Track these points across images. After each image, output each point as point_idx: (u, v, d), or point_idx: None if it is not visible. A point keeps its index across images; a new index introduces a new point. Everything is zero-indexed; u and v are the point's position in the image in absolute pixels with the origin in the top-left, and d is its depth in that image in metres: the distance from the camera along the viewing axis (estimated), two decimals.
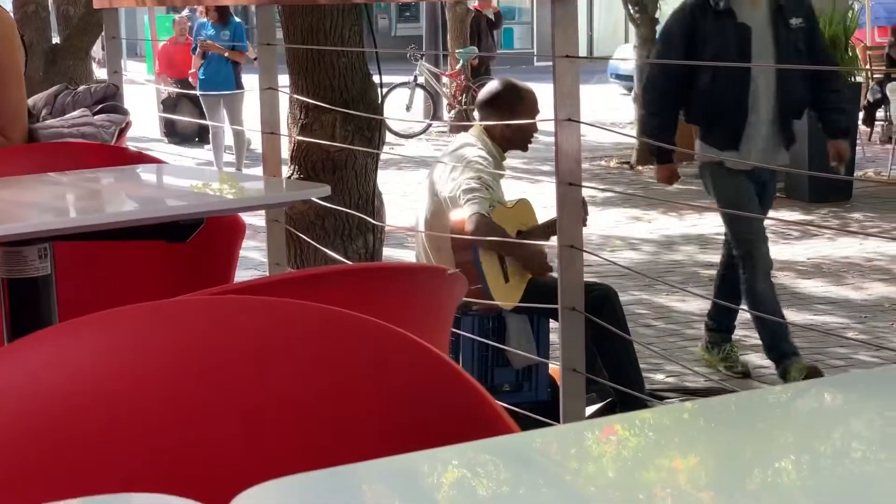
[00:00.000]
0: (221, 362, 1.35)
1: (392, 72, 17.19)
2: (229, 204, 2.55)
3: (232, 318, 1.36)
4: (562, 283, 2.95)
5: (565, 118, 2.88)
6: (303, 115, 5.00)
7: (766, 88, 5.55)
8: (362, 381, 1.37)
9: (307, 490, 1.05)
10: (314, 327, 1.35)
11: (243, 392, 1.34)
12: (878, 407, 1.43)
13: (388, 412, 1.35)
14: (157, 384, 1.31)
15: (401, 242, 8.81)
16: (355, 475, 1.13)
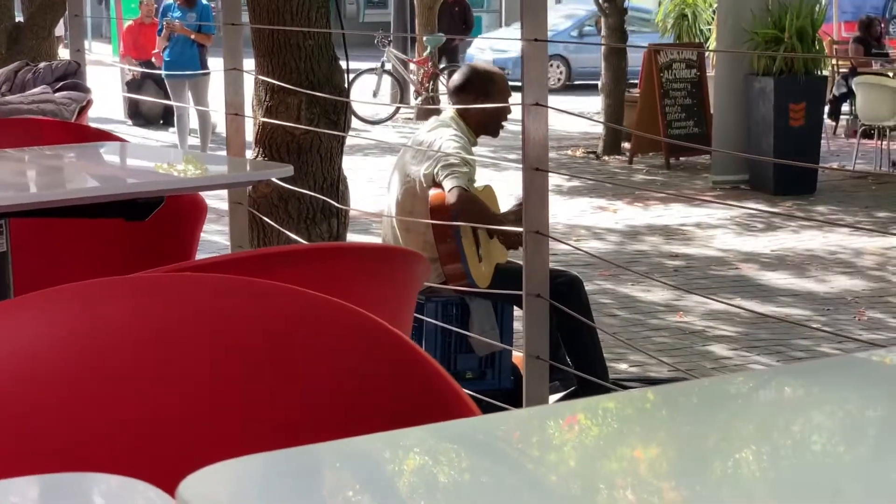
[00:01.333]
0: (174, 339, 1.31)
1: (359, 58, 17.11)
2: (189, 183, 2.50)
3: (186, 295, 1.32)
4: (527, 269, 2.93)
5: (533, 102, 2.85)
6: (268, 97, 4.94)
7: None
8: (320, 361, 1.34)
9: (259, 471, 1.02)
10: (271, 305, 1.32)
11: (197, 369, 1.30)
12: (838, 397, 1.42)
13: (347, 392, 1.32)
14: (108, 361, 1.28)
15: (366, 228, 8.77)
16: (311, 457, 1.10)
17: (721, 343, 6.23)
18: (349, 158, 10.94)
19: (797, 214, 9.42)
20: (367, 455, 1.14)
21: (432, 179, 4.80)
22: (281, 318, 1.33)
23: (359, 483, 1.10)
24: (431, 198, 4.80)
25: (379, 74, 16.26)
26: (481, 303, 4.90)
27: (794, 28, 10.19)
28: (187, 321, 1.31)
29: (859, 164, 11.80)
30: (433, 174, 4.78)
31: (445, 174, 4.73)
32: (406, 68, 16.29)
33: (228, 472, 1.01)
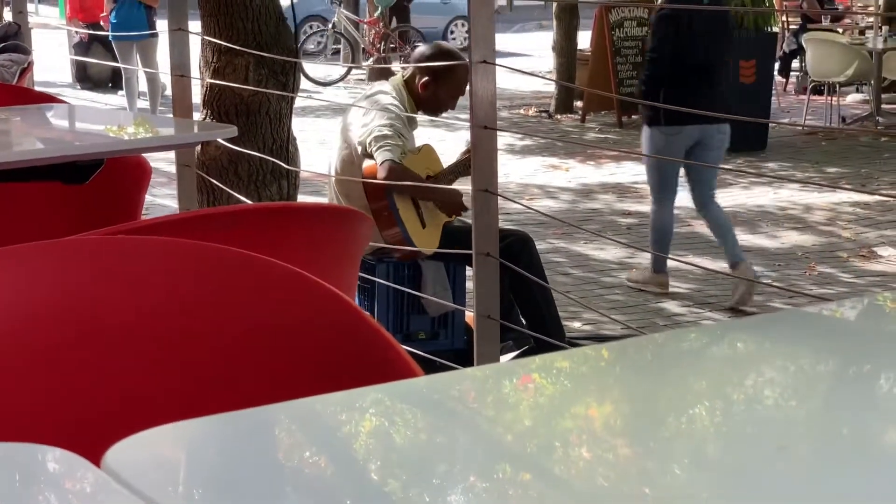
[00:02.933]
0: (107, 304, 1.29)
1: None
2: (130, 145, 2.46)
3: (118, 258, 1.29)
4: (476, 228, 2.91)
5: (480, 60, 2.82)
6: (215, 58, 4.87)
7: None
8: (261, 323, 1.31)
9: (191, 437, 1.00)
10: (209, 267, 1.29)
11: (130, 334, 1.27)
12: (789, 351, 1.43)
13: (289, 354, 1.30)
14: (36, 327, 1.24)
15: (318, 190, 8.71)
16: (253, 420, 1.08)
17: (674, 300, 6.25)
18: (301, 120, 10.87)
19: (747, 171, 9.46)
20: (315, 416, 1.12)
21: (364, 149, 4.76)
22: (219, 280, 1.31)
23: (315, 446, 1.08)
24: (364, 169, 4.78)
25: (329, 35, 16.15)
26: (433, 263, 4.89)
27: None
28: (120, 285, 1.28)
29: (809, 119, 11.85)
30: (366, 143, 4.74)
31: (377, 146, 4.69)
32: (357, 29, 16.18)
33: (158, 439, 0.98)
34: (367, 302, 4.97)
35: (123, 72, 11.92)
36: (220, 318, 1.31)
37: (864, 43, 12.05)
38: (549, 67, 14.10)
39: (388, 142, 4.67)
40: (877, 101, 11.83)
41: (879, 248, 7.23)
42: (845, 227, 7.76)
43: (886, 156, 10.07)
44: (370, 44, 16.01)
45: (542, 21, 23.29)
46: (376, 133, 4.69)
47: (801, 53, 13.16)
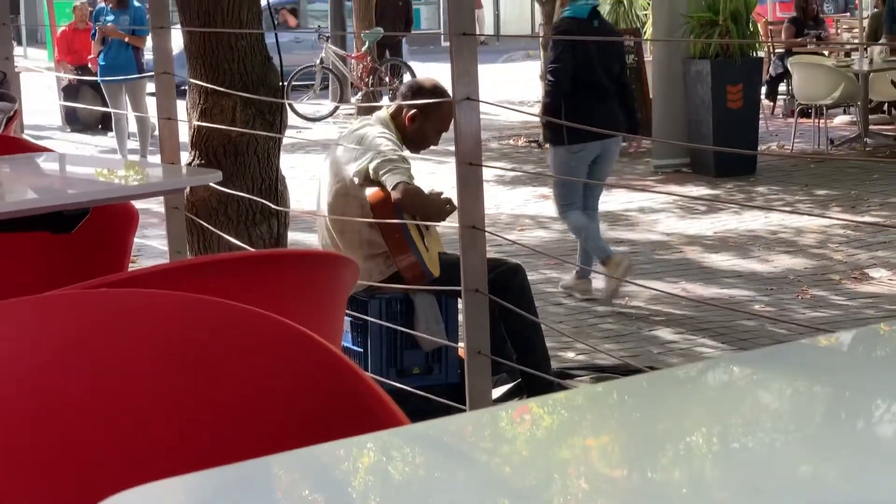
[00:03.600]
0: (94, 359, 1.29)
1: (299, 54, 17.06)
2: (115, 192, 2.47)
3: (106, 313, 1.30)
4: (464, 264, 2.91)
5: (464, 97, 2.84)
6: (201, 99, 4.89)
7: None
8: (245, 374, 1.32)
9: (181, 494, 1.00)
10: (192, 319, 1.30)
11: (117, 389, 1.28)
12: (785, 381, 1.43)
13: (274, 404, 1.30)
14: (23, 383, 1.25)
15: (309, 226, 8.72)
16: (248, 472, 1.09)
17: (667, 327, 6.26)
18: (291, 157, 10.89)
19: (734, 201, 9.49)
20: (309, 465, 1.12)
21: (365, 177, 4.77)
22: (203, 332, 1.31)
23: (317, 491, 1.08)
24: (370, 196, 4.78)
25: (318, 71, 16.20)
26: (425, 297, 4.89)
27: (728, 11, 10.25)
28: (103, 339, 1.29)
29: (798, 143, 11.89)
30: (366, 172, 4.75)
31: (385, 170, 4.71)
32: (345, 64, 16.23)
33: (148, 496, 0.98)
34: (360, 339, 4.97)
35: (113, 113, 11.95)
36: (204, 371, 1.31)
37: (849, 65, 12.11)
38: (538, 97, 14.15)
39: (396, 165, 4.70)
40: (864, 123, 11.87)
41: (871, 270, 7.24)
42: (836, 250, 7.78)
43: (875, 177, 10.10)
44: (358, 78, 16.06)
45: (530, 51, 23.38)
46: (381, 159, 4.71)
47: (787, 77, 13.21)
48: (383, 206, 4.75)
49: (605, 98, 6.61)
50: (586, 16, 6.67)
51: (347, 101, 16.28)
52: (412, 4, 18.56)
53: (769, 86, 14.16)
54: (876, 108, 12.85)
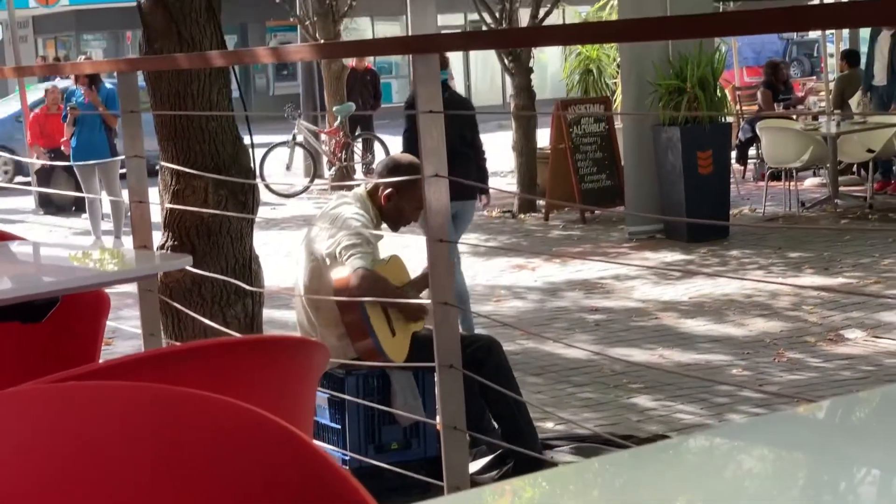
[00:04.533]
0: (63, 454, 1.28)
1: (273, 131, 17.14)
2: (84, 281, 2.47)
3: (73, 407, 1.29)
4: (437, 340, 2.92)
5: (432, 174, 2.86)
6: (173, 181, 4.90)
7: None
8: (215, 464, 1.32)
9: None
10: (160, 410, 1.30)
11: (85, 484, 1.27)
12: (767, 451, 1.44)
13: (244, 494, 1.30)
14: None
15: (286, 303, 8.71)
16: None
17: (645, 395, 6.26)
18: (266, 234, 10.91)
19: (704, 272, 9.54)
20: None
21: (335, 258, 4.79)
22: (170, 422, 1.31)
23: None
24: (335, 280, 4.80)
25: (291, 147, 16.26)
26: (402, 373, 4.88)
27: (696, 78, 10.36)
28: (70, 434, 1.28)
29: (769, 205, 11.97)
30: (335, 254, 4.77)
31: (347, 255, 4.72)
32: (318, 139, 16.30)
33: None
34: (338, 415, 4.95)
35: (86, 196, 11.95)
36: (174, 462, 1.31)
37: (817, 128, 12.24)
38: (511, 167, 14.24)
39: (357, 250, 4.70)
40: (834, 185, 11.98)
41: (846, 331, 7.28)
42: (811, 311, 7.82)
43: (847, 238, 10.18)
44: (332, 153, 16.12)
45: (502, 121, 23.55)
46: (345, 242, 4.72)
47: (757, 141, 13.34)
48: (345, 292, 4.75)
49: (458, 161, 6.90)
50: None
51: (321, 176, 16.34)
52: (380, 79, 18.70)
53: (739, 150, 14.30)
54: (845, 169, 12.97)
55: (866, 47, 13.91)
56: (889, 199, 12.17)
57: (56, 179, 13.88)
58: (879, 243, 9.82)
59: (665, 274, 9.15)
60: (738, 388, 6.19)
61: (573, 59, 16.44)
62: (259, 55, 4.62)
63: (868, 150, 11.90)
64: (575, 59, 16.37)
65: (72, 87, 12.36)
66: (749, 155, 14.45)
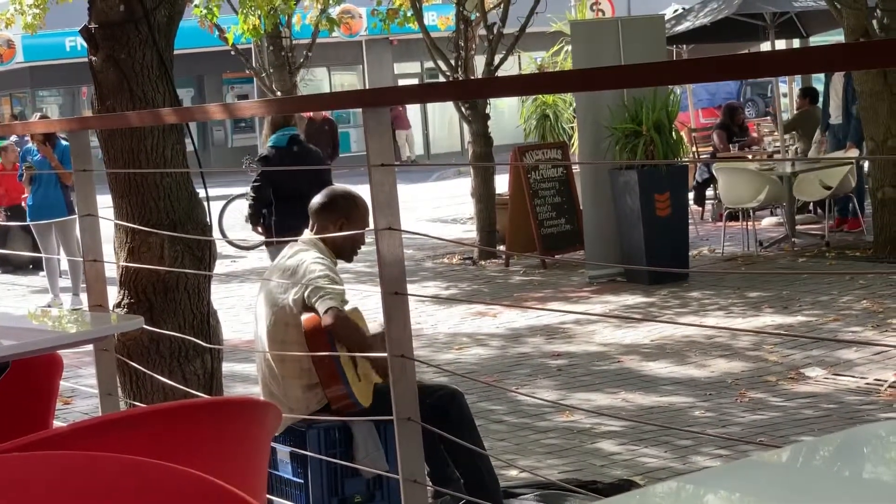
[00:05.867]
0: None
1: (231, 183, 17.11)
2: (37, 345, 2.44)
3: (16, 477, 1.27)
4: (395, 393, 2.90)
5: (385, 227, 2.86)
6: (129, 238, 4.87)
7: None
8: None
9: None
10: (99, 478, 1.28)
11: None
12: (734, 498, 1.44)
13: None
14: None
15: (246, 357, 8.66)
16: None
17: (609, 439, 6.25)
18: (225, 287, 10.86)
19: (661, 320, 9.57)
20: None
21: (302, 304, 4.77)
22: (117, 490, 1.29)
23: None
24: (304, 322, 4.77)
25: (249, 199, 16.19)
26: (363, 424, 4.85)
27: (651, 121, 10.44)
28: None
29: (728, 245, 12.05)
30: (303, 299, 4.76)
31: (318, 297, 4.71)
32: None
33: None
34: (300, 469, 4.91)
35: (43, 253, 11.87)
36: None
37: (773, 168, 12.35)
38: (470, 213, 14.27)
39: (326, 291, 4.70)
40: (791, 224, 12.08)
41: (807, 369, 7.31)
42: (772, 351, 7.85)
43: (805, 276, 10.25)
44: None
45: (461, 168, 23.62)
46: (313, 286, 4.71)
47: (713, 181, 13.44)
48: (316, 333, 4.74)
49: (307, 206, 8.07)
50: (285, 144, 8.73)
51: None
52: (338, 129, 18.73)
53: (696, 191, 14.40)
54: (802, 207, 13.09)
55: (822, 86, 14.08)
56: (846, 237, 12.28)
57: (13, 238, 13.78)
58: (837, 281, 9.89)
59: (627, 317, 9.17)
60: (700, 428, 6.20)
61: (530, 105, 16.55)
62: (211, 112, 4.61)
63: (825, 187, 12.01)
64: (531, 105, 16.48)
65: (28, 144, 12.30)
66: (706, 195, 14.55)
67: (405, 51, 31.84)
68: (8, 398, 2.55)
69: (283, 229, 8.32)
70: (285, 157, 8.66)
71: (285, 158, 8.63)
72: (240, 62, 17.17)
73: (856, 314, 8.76)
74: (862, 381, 7.02)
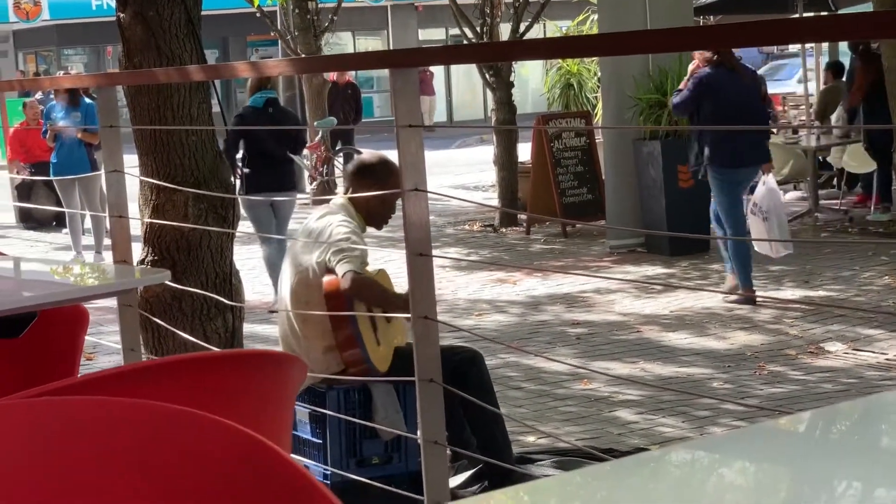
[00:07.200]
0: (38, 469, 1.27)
1: None
2: (62, 295, 2.46)
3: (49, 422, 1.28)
4: (417, 355, 2.91)
5: (411, 188, 2.86)
6: (153, 195, 4.89)
7: None
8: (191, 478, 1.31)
9: None
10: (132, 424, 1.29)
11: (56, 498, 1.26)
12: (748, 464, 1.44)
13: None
14: None
15: (267, 318, 8.69)
16: None
17: (627, 408, 6.26)
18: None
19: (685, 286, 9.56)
20: None
21: (325, 267, 4.78)
22: (147, 436, 1.30)
23: None
24: (325, 285, 4.78)
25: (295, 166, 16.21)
26: (383, 387, 4.87)
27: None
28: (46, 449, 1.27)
29: None
30: (326, 261, 4.77)
31: (337, 259, 4.72)
32: None
33: None
34: (319, 430, 4.94)
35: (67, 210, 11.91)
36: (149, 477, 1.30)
37: (797, 142, 12.28)
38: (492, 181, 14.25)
39: (347, 253, 4.70)
40: (814, 198, 12.02)
41: (827, 344, 7.29)
42: (792, 325, 7.83)
43: (828, 251, 10.21)
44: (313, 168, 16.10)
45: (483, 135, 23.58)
46: (335, 247, 4.72)
47: None
48: (335, 295, 4.75)
49: (276, 164, 9.05)
50: (262, 105, 9.08)
51: (302, 190, 16.31)
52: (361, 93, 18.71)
53: None
54: (825, 182, 13.02)
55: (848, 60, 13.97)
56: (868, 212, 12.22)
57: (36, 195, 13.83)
58: (859, 256, 9.86)
59: (646, 287, 9.17)
60: (719, 401, 6.20)
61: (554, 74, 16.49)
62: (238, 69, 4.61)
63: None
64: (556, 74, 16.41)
65: (52, 101, 12.33)
66: None
67: (430, 17, 31.75)
68: (35, 349, 2.57)
69: (252, 186, 8.93)
70: (260, 116, 9.12)
71: (260, 118, 9.09)
72: (265, 24, 17.15)
73: (877, 289, 8.73)
74: (882, 356, 7.00)
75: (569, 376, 6.87)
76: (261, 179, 8.88)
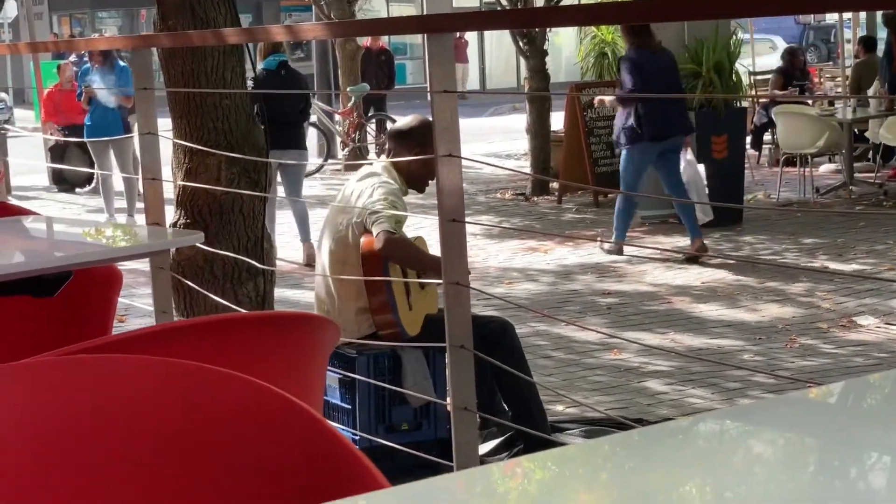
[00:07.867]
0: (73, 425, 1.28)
1: None
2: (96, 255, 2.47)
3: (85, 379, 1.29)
4: (449, 320, 2.91)
5: (445, 154, 2.85)
6: (186, 158, 4.90)
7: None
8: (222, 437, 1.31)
9: None
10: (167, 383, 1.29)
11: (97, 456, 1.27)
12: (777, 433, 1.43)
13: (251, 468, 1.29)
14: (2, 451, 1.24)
15: (298, 283, 8.72)
16: None
17: (656, 378, 6.25)
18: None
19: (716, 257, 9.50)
20: None
21: (363, 227, 4.79)
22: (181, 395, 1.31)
23: None
24: (362, 245, 4.79)
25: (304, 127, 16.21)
26: (413, 353, 4.88)
27: (712, 62, 10.32)
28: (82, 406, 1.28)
29: (784, 192, 11.94)
30: (364, 221, 4.78)
31: (373, 220, 4.73)
32: (331, 119, 16.28)
33: None
34: (348, 396, 4.95)
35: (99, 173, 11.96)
36: (183, 435, 1.31)
37: (833, 114, 12.18)
38: (524, 149, 14.20)
39: (382, 214, 4.71)
40: (849, 171, 11.93)
41: (859, 318, 7.25)
42: (824, 298, 7.79)
43: (861, 224, 10.14)
44: (345, 134, 16.10)
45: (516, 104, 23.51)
46: (371, 208, 4.73)
47: (772, 126, 13.29)
48: (371, 256, 4.76)
49: (289, 126, 9.27)
50: (275, 67, 9.36)
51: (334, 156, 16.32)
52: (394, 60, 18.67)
53: (754, 135, 14.23)
54: (861, 155, 12.92)
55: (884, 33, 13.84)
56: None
57: (69, 157, 13.88)
58: (893, 230, 9.78)
59: (678, 258, 9.13)
60: (749, 373, 6.18)
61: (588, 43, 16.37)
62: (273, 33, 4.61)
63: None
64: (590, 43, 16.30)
65: (86, 64, 12.36)
66: (764, 140, 14.39)
67: None
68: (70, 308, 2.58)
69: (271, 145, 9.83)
70: (274, 78, 9.35)
71: (274, 80, 9.33)
72: None
73: None
74: None
75: (599, 346, 6.87)
76: (272, 136, 9.34)
